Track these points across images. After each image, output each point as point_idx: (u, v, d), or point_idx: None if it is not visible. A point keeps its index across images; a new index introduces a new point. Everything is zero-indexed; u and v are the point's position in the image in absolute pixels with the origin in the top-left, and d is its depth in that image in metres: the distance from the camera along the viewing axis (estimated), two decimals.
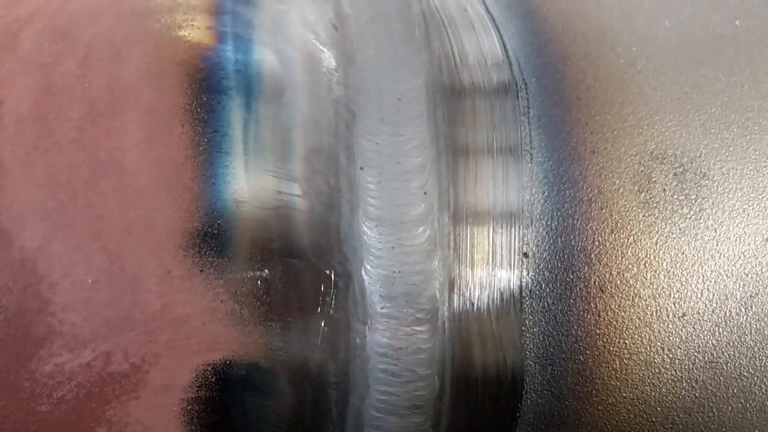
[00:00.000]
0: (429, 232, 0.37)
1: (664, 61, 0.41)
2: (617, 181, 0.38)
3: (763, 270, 0.38)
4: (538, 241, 0.38)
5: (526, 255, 0.38)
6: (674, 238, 0.38)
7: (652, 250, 0.38)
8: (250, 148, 0.36)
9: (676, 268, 0.38)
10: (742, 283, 0.38)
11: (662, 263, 0.38)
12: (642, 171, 0.38)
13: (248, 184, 0.36)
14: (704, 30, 0.43)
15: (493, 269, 0.38)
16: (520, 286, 0.38)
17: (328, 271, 0.36)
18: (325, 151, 0.37)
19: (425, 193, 0.37)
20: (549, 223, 0.38)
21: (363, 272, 0.36)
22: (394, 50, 0.39)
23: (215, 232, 0.35)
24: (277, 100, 0.38)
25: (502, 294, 0.38)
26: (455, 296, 0.38)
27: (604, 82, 0.40)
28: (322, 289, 0.36)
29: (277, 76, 0.38)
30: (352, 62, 0.39)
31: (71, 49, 0.37)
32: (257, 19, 0.40)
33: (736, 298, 0.38)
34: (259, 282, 0.36)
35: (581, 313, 0.38)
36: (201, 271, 0.35)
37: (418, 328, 0.37)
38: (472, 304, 0.38)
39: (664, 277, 0.38)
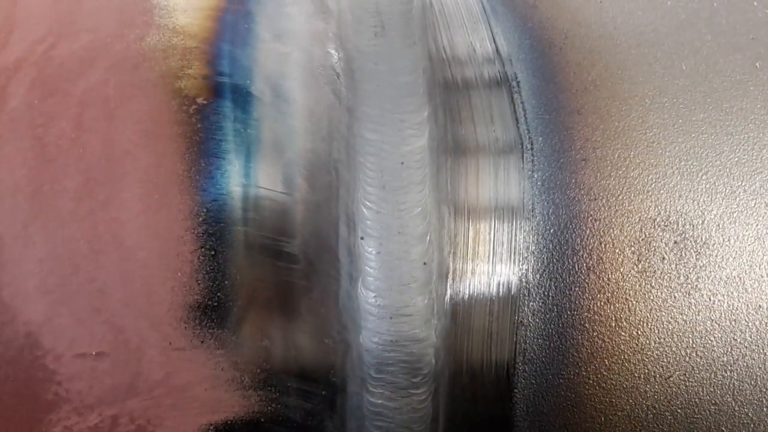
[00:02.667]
0: (427, 300, 0.37)
1: (675, 117, 0.40)
2: (617, 249, 0.38)
3: (750, 336, 0.39)
4: (534, 311, 0.38)
5: (522, 323, 0.38)
6: (668, 306, 0.39)
7: (645, 318, 0.39)
8: (249, 219, 0.36)
9: (667, 335, 0.39)
10: (728, 348, 0.39)
11: (654, 330, 0.39)
12: (642, 239, 0.38)
13: (248, 256, 0.36)
14: (721, 77, 0.41)
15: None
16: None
17: (326, 340, 0.37)
18: (325, 219, 0.37)
19: (425, 263, 0.37)
20: (546, 292, 0.38)
21: (361, 340, 0.37)
22: (398, 106, 0.38)
23: (215, 304, 0.36)
24: (276, 163, 0.37)
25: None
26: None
27: (613, 140, 0.39)
28: (321, 356, 0.37)
29: (276, 136, 0.37)
30: (354, 119, 0.38)
31: (63, 108, 0.36)
32: (256, 65, 0.39)
33: (722, 362, 0.39)
34: (259, 351, 0.36)
35: (572, 377, 0.39)
36: (202, 342, 0.36)
37: (414, 391, 0.38)
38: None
39: (655, 343, 0.39)
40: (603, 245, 0.38)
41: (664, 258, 0.38)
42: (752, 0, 0.46)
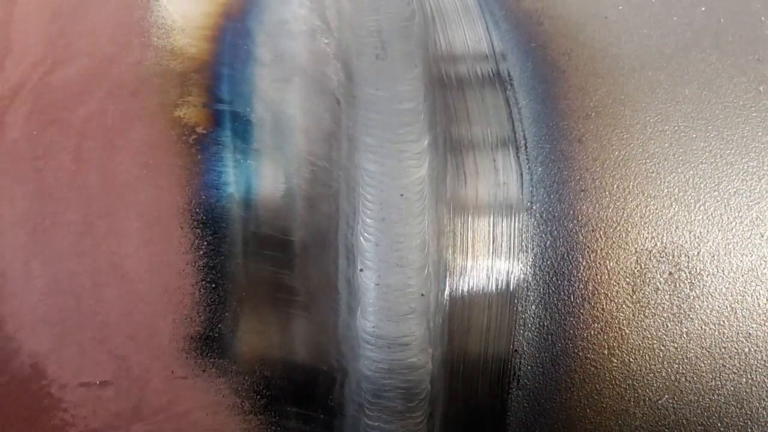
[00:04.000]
0: (424, 330, 0.38)
1: (676, 146, 0.40)
2: (612, 281, 0.39)
3: (739, 362, 0.40)
4: (529, 340, 0.39)
5: (516, 351, 0.39)
6: (660, 335, 0.39)
7: (637, 346, 0.39)
8: (250, 249, 0.36)
9: (658, 362, 0.40)
10: (717, 374, 0.40)
11: (645, 357, 0.40)
12: (638, 270, 0.39)
13: (248, 288, 0.36)
14: (724, 102, 0.41)
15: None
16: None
17: (325, 368, 0.38)
18: (324, 250, 0.37)
19: (422, 294, 0.37)
20: (541, 322, 0.39)
21: (359, 367, 0.38)
22: (398, 135, 0.38)
23: (216, 335, 0.36)
24: (276, 195, 0.37)
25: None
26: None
27: (613, 169, 0.39)
28: (320, 383, 0.38)
29: (277, 167, 0.37)
30: (354, 148, 0.38)
31: (62, 138, 0.36)
32: (256, 91, 0.38)
33: (710, 386, 0.41)
34: (259, 378, 0.37)
35: (564, 400, 0.40)
36: (203, 371, 0.37)
37: (410, 415, 0.39)
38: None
39: (646, 369, 0.40)
40: (599, 276, 0.39)
41: (658, 289, 0.39)
42: (760, 15, 0.45)
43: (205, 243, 0.36)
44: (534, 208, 0.39)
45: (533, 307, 0.39)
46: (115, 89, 0.37)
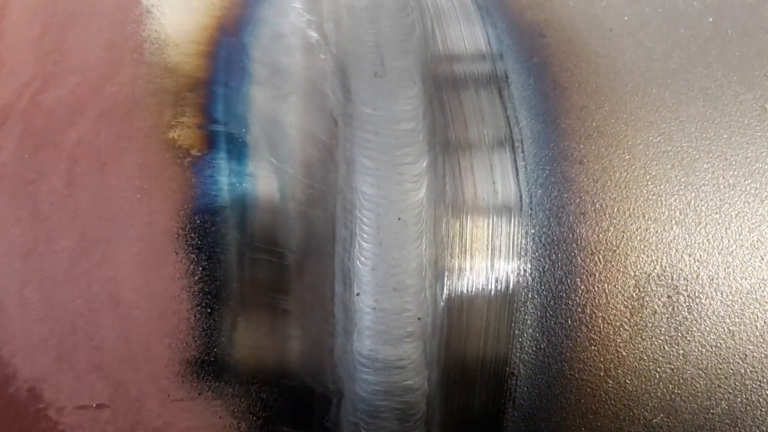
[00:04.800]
0: (420, 353, 0.38)
1: (679, 167, 0.39)
2: (610, 304, 0.38)
3: (735, 382, 0.40)
4: (526, 362, 0.39)
5: (512, 374, 0.39)
6: (657, 357, 0.39)
7: (634, 367, 0.39)
8: (245, 274, 0.36)
9: (653, 383, 0.40)
10: (712, 393, 0.40)
11: (641, 378, 0.40)
12: (636, 294, 0.39)
13: (244, 312, 0.36)
14: (728, 120, 0.40)
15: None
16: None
17: (321, 389, 0.38)
18: (321, 275, 0.37)
19: (419, 318, 0.37)
20: (538, 345, 0.39)
21: (355, 389, 0.38)
22: (396, 157, 0.37)
23: (212, 359, 0.36)
24: (272, 219, 0.36)
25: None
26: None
27: (614, 191, 0.39)
28: (315, 404, 0.38)
29: (273, 191, 0.36)
30: (352, 170, 0.37)
31: (54, 162, 0.35)
32: (252, 111, 0.37)
33: (704, 406, 0.41)
34: (255, 400, 0.37)
35: (559, 420, 0.40)
36: (200, 393, 0.37)
37: None
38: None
39: (641, 390, 0.40)
40: (597, 300, 0.38)
41: (656, 312, 0.39)
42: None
43: (201, 268, 0.35)
44: (533, 231, 0.38)
45: (530, 330, 0.39)
46: (107, 110, 0.36)
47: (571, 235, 0.38)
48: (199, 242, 0.35)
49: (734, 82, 0.42)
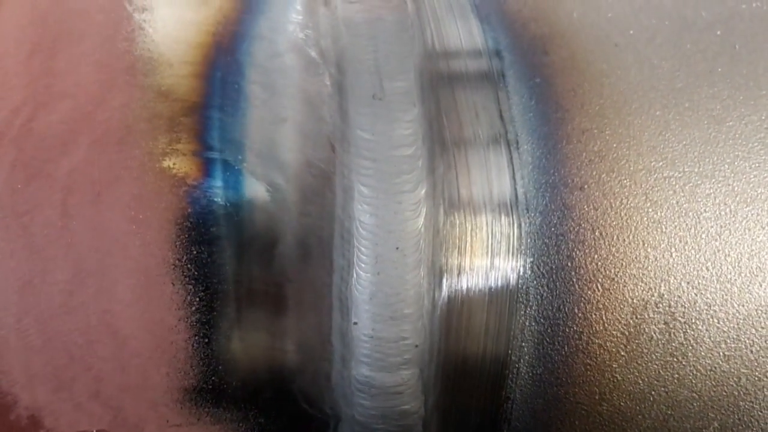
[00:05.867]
0: (417, 378, 0.38)
1: (681, 194, 0.39)
2: (607, 332, 0.39)
3: (728, 403, 0.41)
4: (521, 387, 0.39)
5: (508, 398, 0.40)
6: (652, 381, 0.40)
7: (629, 390, 0.40)
8: (243, 304, 0.36)
9: (647, 404, 0.40)
10: (704, 413, 0.41)
11: (635, 401, 0.40)
12: (633, 322, 0.39)
13: (241, 340, 0.36)
14: (734, 144, 0.40)
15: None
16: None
17: (318, 414, 0.38)
18: (318, 304, 0.37)
19: (416, 345, 0.37)
20: (534, 371, 0.39)
21: (352, 414, 0.38)
22: (395, 185, 0.37)
23: (210, 387, 0.37)
24: (268, 248, 0.36)
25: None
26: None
27: (613, 218, 0.38)
28: (313, 428, 0.39)
29: (270, 220, 0.36)
30: (349, 198, 0.37)
31: (48, 193, 0.35)
32: (248, 137, 0.37)
33: (697, 426, 0.41)
34: (253, 425, 0.38)
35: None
36: (198, 419, 0.37)
37: None
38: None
39: (634, 411, 0.40)
40: (594, 327, 0.38)
41: (652, 339, 0.39)
42: None
43: (198, 299, 0.35)
44: (531, 260, 0.38)
45: (527, 356, 0.39)
46: (100, 137, 0.35)
47: (569, 264, 0.38)
48: (196, 273, 0.35)
49: (740, 102, 0.41)
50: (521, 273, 0.38)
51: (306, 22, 0.40)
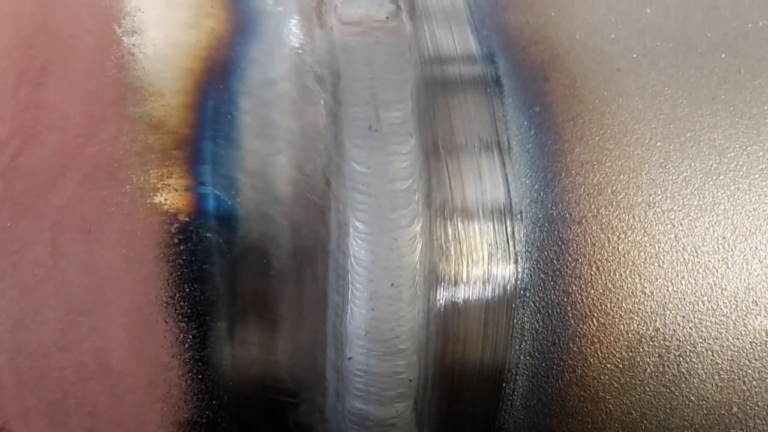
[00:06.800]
0: (411, 410, 0.38)
1: (679, 228, 0.38)
2: (601, 365, 0.39)
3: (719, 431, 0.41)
4: (515, 418, 0.40)
5: (502, 428, 0.40)
6: (645, 411, 0.40)
7: (621, 419, 0.40)
8: (236, 341, 0.36)
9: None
10: None
11: (629, 427, 0.40)
12: (628, 356, 0.39)
13: (236, 376, 0.36)
14: (736, 177, 0.39)
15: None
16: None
17: None
18: (312, 340, 0.37)
19: (410, 380, 0.37)
20: (529, 403, 0.39)
21: None
22: (390, 220, 0.36)
23: (205, 421, 0.37)
24: (263, 284, 0.36)
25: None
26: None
27: (611, 252, 0.38)
28: None
29: (263, 257, 0.36)
30: (344, 234, 0.36)
31: (37, 231, 0.34)
32: (241, 171, 0.36)
33: None
34: None
35: None
36: None
37: None
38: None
39: None
40: (588, 361, 0.38)
41: (646, 371, 0.39)
42: None
43: (191, 336, 0.35)
44: (527, 295, 0.38)
45: (521, 389, 0.39)
46: (90, 173, 0.35)
47: (565, 299, 0.38)
48: (189, 311, 0.35)
49: (742, 131, 0.40)
50: (517, 308, 0.38)
51: (301, 46, 0.39)
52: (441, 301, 0.38)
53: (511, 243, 0.38)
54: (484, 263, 0.38)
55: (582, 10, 0.43)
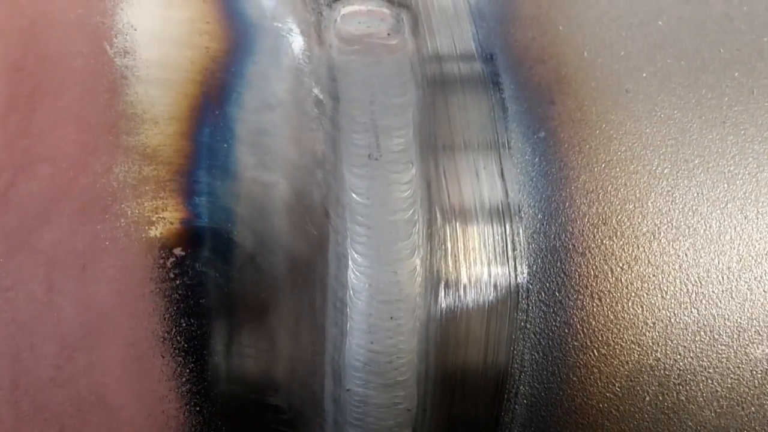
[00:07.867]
0: None
1: (684, 260, 0.38)
2: (600, 394, 0.38)
3: None
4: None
5: None
6: None
7: None
8: (233, 374, 0.36)
9: None
10: None
11: None
12: (628, 385, 0.38)
13: (233, 408, 0.36)
14: (740, 205, 0.38)
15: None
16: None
17: None
18: (311, 373, 0.37)
19: (409, 410, 0.37)
20: (526, 429, 0.39)
21: None
22: (391, 252, 0.36)
23: None
24: (259, 318, 0.35)
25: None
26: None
27: (614, 283, 0.37)
28: None
29: (261, 290, 0.35)
30: (343, 266, 0.36)
31: (31, 267, 0.34)
32: (238, 203, 0.35)
33: None
34: None
35: None
36: None
37: None
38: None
39: None
40: (588, 390, 0.38)
41: (645, 399, 0.39)
42: None
43: (188, 370, 0.35)
44: (528, 327, 0.38)
45: (520, 419, 0.39)
46: (83, 206, 0.34)
47: (566, 330, 0.38)
48: (186, 346, 0.35)
49: (752, 157, 0.39)
50: (518, 340, 0.38)
51: (299, 66, 0.38)
52: (441, 334, 0.37)
53: (513, 275, 0.37)
54: (487, 295, 0.37)
55: (591, 22, 0.42)
